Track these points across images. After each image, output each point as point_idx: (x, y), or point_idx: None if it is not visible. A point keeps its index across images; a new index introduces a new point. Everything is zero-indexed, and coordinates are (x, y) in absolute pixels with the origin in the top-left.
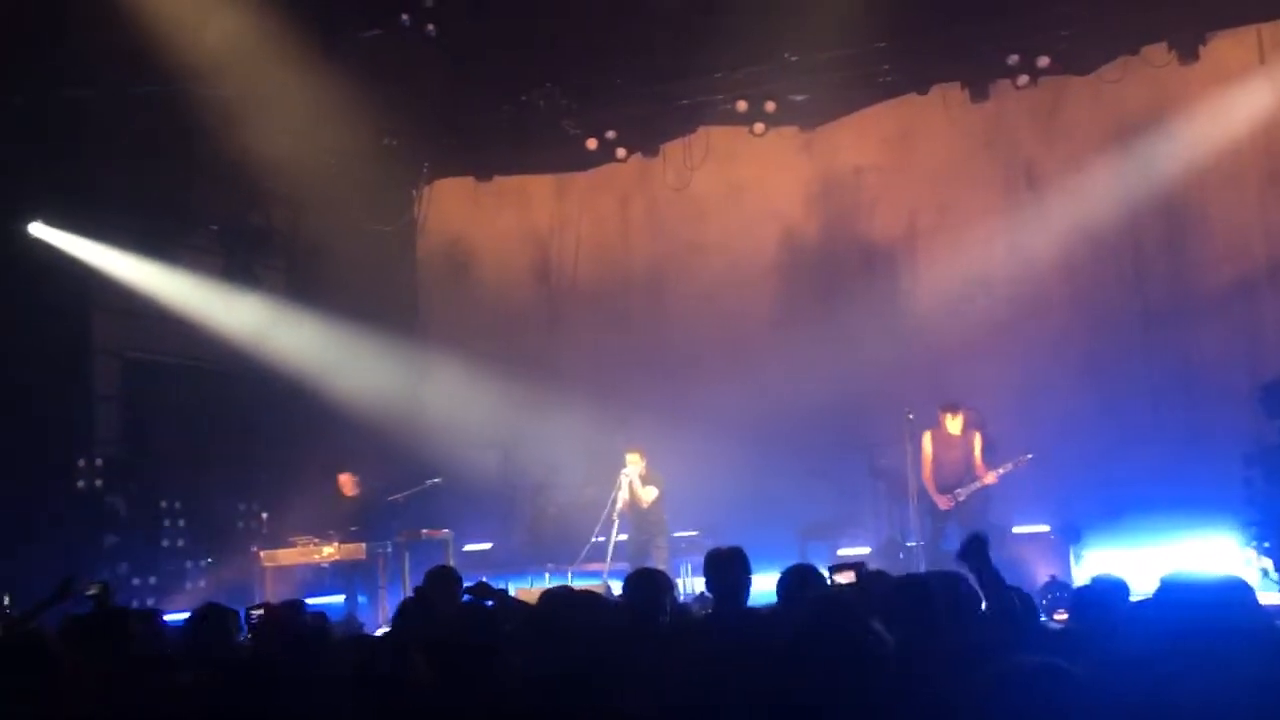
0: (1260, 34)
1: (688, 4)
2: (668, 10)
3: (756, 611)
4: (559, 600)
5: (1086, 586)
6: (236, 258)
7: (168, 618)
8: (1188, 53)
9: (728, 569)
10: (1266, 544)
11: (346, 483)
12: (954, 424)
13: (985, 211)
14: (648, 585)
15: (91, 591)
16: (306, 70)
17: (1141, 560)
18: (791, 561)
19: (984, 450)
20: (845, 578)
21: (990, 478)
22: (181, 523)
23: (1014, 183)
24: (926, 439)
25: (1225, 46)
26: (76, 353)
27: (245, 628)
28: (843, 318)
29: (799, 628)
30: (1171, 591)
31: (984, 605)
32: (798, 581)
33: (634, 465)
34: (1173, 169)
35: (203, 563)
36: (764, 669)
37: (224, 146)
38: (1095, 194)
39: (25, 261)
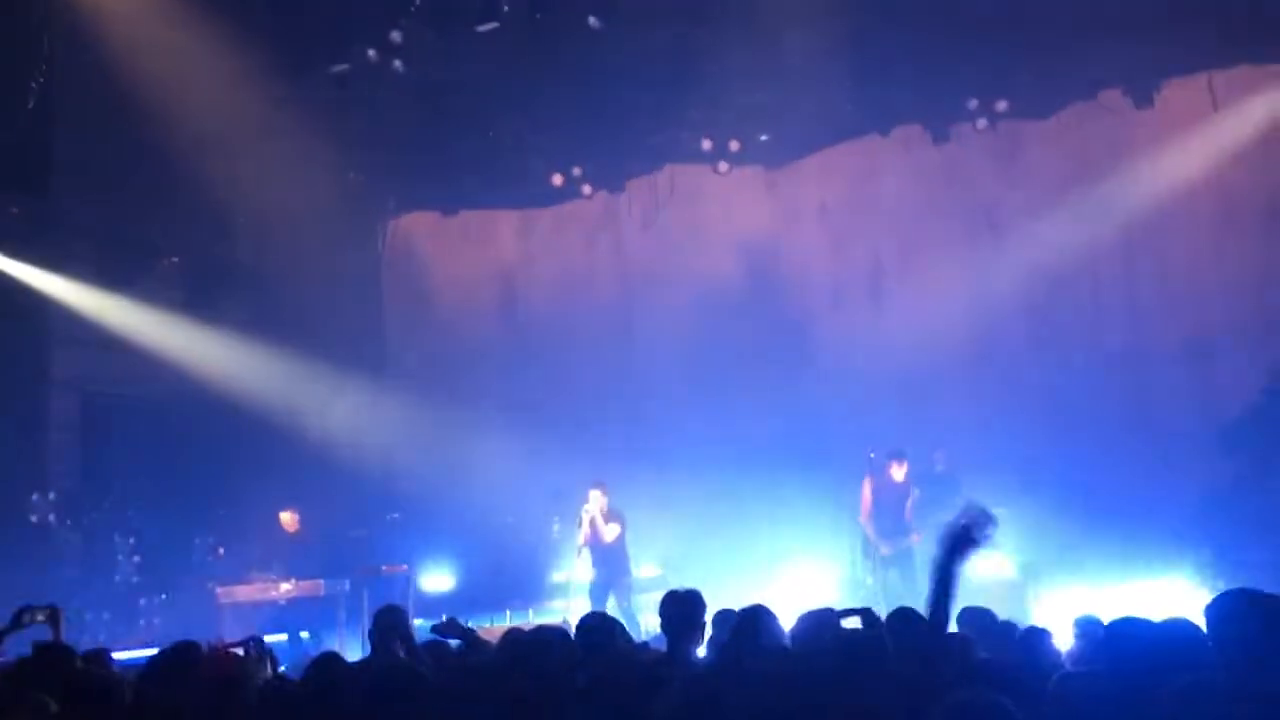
0: (1212, 81)
1: (653, 43)
2: (634, 50)
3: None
4: (520, 641)
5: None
6: (199, 290)
7: (121, 655)
8: (1143, 98)
9: (683, 611)
10: (1221, 583)
11: (289, 520)
12: (899, 472)
13: (947, 251)
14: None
15: (41, 618)
16: (273, 104)
17: (1100, 600)
18: (754, 598)
19: (945, 490)
20: (851, 623)
21: (916, 539)
22: (137, 558)
23: (975, 223)
24: (866, 485)
25: (1179, 93)
26: (34, 385)
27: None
28: (807, 355)
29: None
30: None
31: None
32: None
33: (596, 501)
34: (1130, 211)
35: (158, 599)
36: None
37: (188, 178)
38: (1054, 235)
39: None
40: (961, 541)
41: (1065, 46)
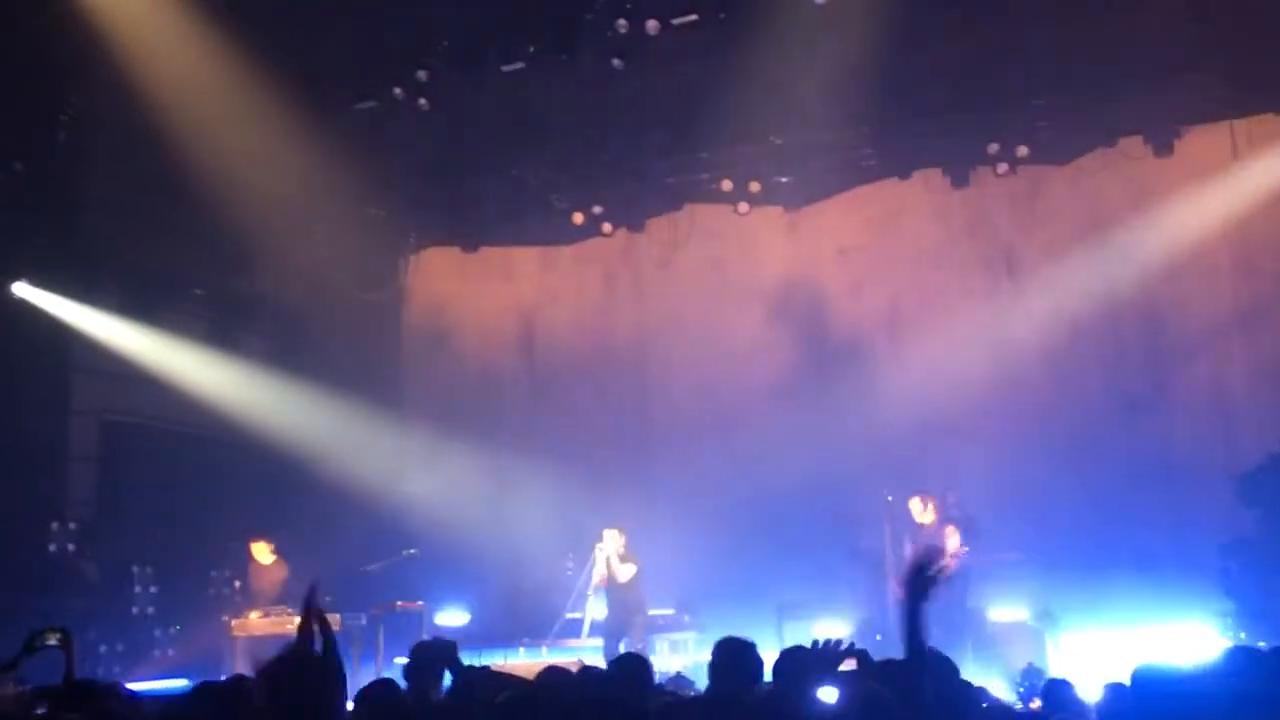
0: (1233, 129)
1: (676, 85)
2: (656, 91)
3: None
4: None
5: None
6: (220, 322)
7: (134, 686)
8: (1163, 146)
9: (739, 662)
10: (1242, 634)
11: (260, 550)
12: (919, 510)
13: (966, 295)
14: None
15: (52, 641)
16: (298, 139)
17: (1117, 648)
18: (769, 641)
19: (965, 533)
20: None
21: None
22: (153, 589)
23: (994, 268)
24: (908, 546)
25: (1199, 140)
26: (54, 413)
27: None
28: (824, 398)
29: None
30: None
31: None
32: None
33: (611, 541)
34: (1150, 258)
35: (172, 630)
36: None
37: (213, 211)
38: (1074, 281)
39: (7, 321)
40: (920, 583)
41: (1086, 93)
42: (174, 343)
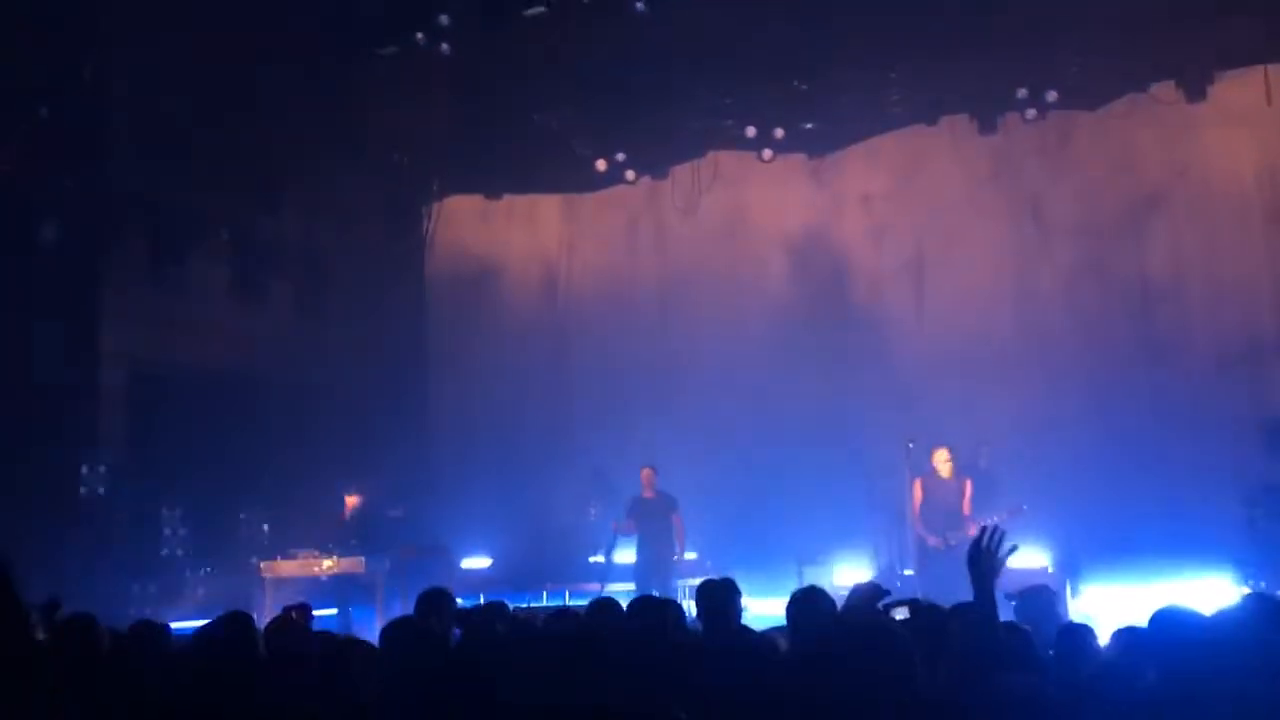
0: (1267, 74)
1: (699, 29)
2: (679, 36)
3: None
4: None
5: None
6: (248, 265)
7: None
8: (1195, 91)
9: (717, 597)
10: (1263, 583)
11: (351, 503)
12: (944, 466)
13: (991, 242)
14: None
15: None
16: (322, 84)
17: (1138, 596)
18: (790, 586)
19: (986, 488)
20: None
21: (973, 530)
22: (183, 531)
23: (1020, 215)
24: (916, 486)
25: (1233, 86)
26: (83, 358)
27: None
28: (847, 345)
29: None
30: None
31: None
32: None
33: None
34: (1179, 205)
35: (202, 571)
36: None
37: (239, 155)
38: (1101, 228)
39: (35, 264)
40: (986, 566)
41: (1118, 37)
42: (202, 286)
